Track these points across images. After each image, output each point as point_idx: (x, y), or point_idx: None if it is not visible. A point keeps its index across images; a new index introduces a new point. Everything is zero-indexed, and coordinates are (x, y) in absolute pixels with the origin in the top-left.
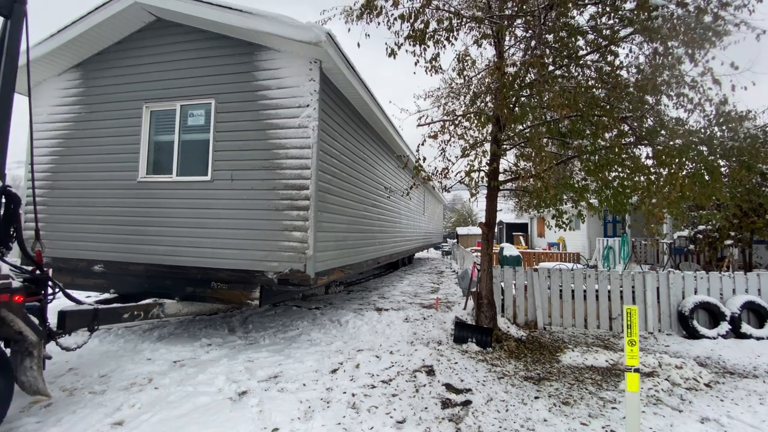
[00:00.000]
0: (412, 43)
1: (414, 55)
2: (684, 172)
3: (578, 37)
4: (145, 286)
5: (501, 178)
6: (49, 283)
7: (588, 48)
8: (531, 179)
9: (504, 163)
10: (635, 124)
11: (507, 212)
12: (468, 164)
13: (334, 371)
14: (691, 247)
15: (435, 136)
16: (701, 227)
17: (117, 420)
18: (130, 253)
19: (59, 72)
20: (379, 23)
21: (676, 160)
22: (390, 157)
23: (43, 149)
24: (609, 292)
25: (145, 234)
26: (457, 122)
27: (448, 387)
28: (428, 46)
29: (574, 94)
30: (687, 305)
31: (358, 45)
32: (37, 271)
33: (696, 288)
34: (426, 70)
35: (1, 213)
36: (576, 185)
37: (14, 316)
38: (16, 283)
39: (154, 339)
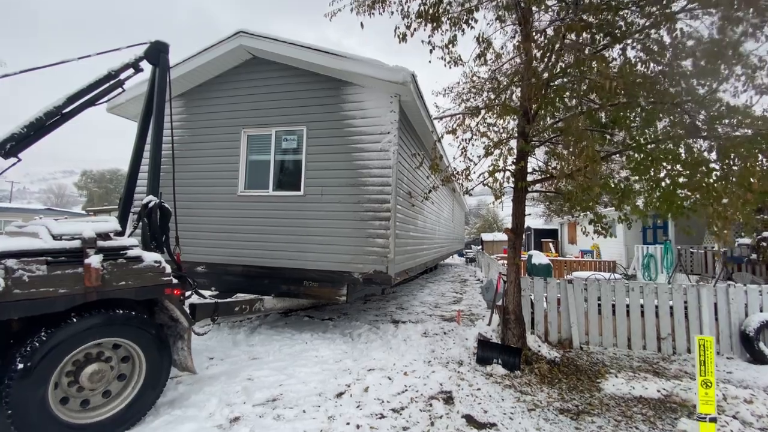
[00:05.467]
0: (424, 22)
1: (430, 44)
2: (758, 167)
3: (620, 13)
4: (243, 285)
5: (529, 178)
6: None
7: (634, 26)
8: (566, 178)
9: (532, 163)
10: (689, 109)
11: (535, 217)
12: (492, 164)
13: (339, 395)
14: (754, 256)
15: (453, 132)
16: (766, 234)
17: None
18: (230, 256)
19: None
20: (392, 12)
21: (743, 152)
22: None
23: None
24: (656, 307)
25: (244, 240)
26: (479, 117)
27: (469, 420)
28: (442, 23)
29: (622, 70)
30: (751, 324)
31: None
32: (178, 270)
33: (762, 305)
34: (444, 61)
35: (158, 224)
36: (619, 186)
37: (173, 305)
38: (175, 280)
39: None
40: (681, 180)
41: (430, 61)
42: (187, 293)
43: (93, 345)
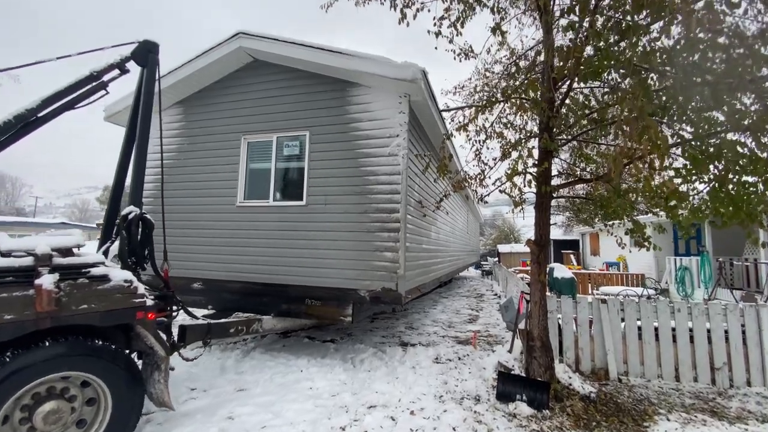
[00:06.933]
0: None
1: (435, 26)
2: None
3: None
4: (241, 303)
5: (554, 182)
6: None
7: None
8: (623, 170)
9: (556, 164)
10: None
11: (554, 228)
12: (510, 166)
13: None
14: None
15: (465, 127)
16: None
17: None
18: (228, 272)
19: (162, 109)
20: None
21: None
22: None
23: (149, 176)
24: (708, 331)
25: (243, 254)
26: (494, 113)
27: None
28: None
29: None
30: None
31: None
32: (165, 288)
33: None
34: (453, 53)
35: (139, 237)
36: (663, 187)
37: (147, 332)
38: (150, 302)
39: None
40: (751, 179)
41: (435, 48)
42: (174, 314)
43: (58, 378)
